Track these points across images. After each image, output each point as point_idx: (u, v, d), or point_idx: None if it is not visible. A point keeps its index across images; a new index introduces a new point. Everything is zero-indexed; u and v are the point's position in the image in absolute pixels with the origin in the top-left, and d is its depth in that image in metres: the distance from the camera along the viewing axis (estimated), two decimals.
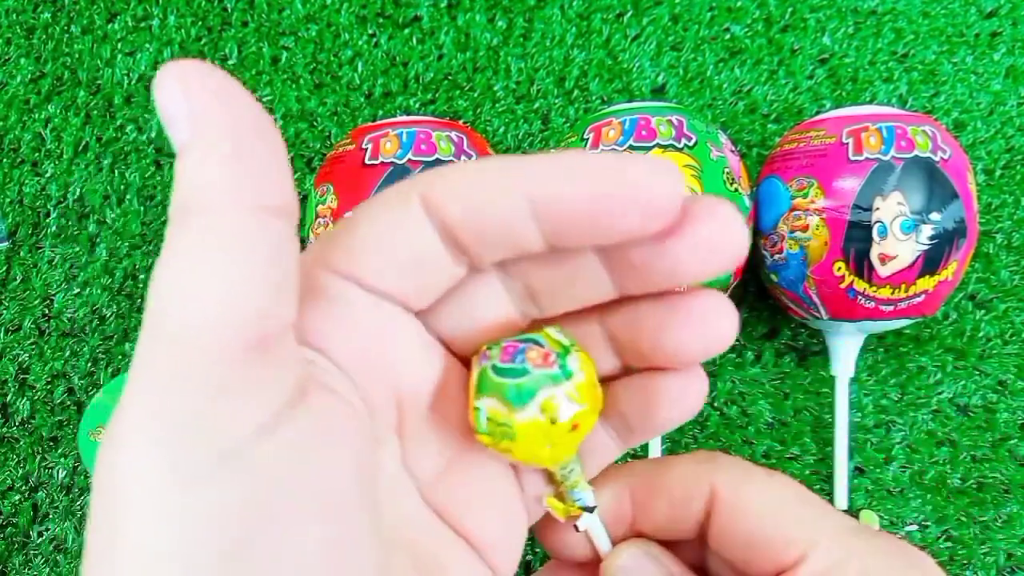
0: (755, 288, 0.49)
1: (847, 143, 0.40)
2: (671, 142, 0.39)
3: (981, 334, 0.49)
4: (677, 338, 0.22)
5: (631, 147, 0.39)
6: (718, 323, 0.22)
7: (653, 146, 0.39)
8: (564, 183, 0.19)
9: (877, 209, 0.38)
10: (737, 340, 0.49)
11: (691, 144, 0.40)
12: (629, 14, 0.53)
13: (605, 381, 0.24)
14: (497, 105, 0.52)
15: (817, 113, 0.46)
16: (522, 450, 0.22)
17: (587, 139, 0.41)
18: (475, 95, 0.52)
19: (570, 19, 0.53)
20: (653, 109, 0.41)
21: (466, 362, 0.24)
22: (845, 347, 0.44)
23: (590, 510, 0.25)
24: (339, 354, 0.20)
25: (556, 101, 0.52)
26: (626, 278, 0.21)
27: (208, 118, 0.16)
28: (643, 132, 0.40)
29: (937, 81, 0.51)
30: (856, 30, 0.52)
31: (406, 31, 0.53)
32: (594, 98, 0.52)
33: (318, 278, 0.21)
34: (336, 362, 0.20)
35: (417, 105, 0.52)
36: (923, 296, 0.40)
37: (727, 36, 0.52)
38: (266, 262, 0.16)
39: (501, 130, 0.52)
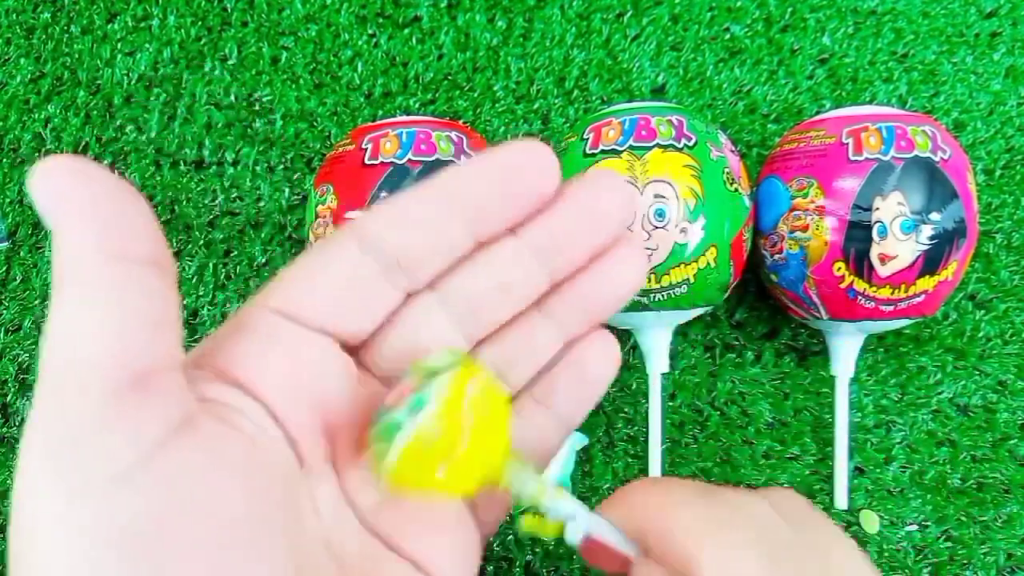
0: (755, 288, 0.49)
1: (847, 143, 0.39)
2: (671, 142, 0.39)
3: (981, 334, 0.49)
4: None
5: (631, 147, 0.39)
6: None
7: (653, 146, 0.39)
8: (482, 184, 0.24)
9: (877, 209, 0.38)
10: (737, 340, 0.49)
11: (691, 144, 0.40)
12: (629, 14, 0.53)
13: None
14: (497, 105, 0.52)
15: (817, 113, 0.46)
16: (417, 487, 0.23)
17: (587, 139, 0.41)
18: (475, 95, 0.52)
19: (570, 19, 0.53)
20: (653, 109, 0.41)
21: None
22: (845, 347, 0.44)
23: (572, 518, 0.24)
24: (262, 387, 0.22)
25: (556, 101, 0.52)
26: (553, 259, 0.25)
27: (69, 198, 0.18)
28: (643, 132, 0.40)
29: (937, 81, 0.51)
30: (856, 30, 0.52)
31: (406, 31, 0.53)
32: (594, 98, 0.52)
33: (251, 316, 0.23)
34: (257, 394, 0.22)
35: (417, 105, 0.52)
36: (923, 296, 0.40)
37: (727, 36, 0.52)
38: (136, 307, 0.18)
39: (501, 130, 0.52)
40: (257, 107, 0.53)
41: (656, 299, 0.40)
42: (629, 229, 0.38)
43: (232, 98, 0.53)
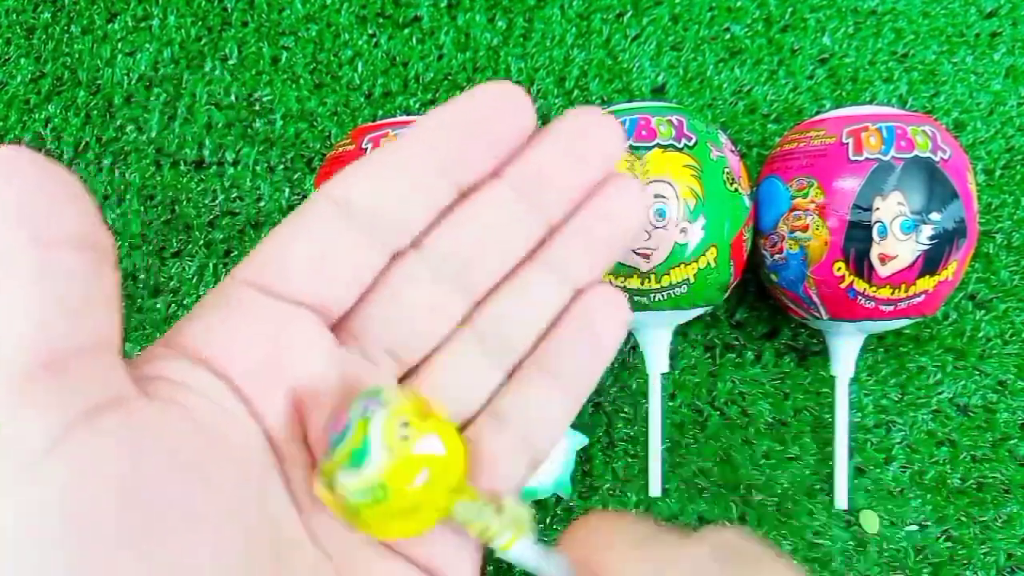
0: (755, 288, 0.49)
1: (847, 143, 0.39)
2: (671, 142, 0.39)
3: (981, 334, 0.49)
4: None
5: (631, 147, 0.39)
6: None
7: (653, 146, 0.39)
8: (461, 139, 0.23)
9: (877, 209, 0.38)
10: (737, 340, 0.49)
11: (691, 144, 0.40)
12: (629, 14, 0.53)
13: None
14: None
15: (817, 113, 0.46)
16: (369, 531, 0.21)
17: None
18: None
19: (570, 19, 0.53)
20: (653, 109, 0.41)
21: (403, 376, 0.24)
22: (845, 347, 0.44)
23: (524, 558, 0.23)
24: (228, 364, 0.21)
25: (556, 101, 0.52)
26: (542, 199, 0.24)
27: None
28: (643, 132, 0.40)
29: (937, 81, 0.51)
30: (856, 30, 0.52)
31: (406, 31, 0.53)
32: (594, 98, 0.52)
33: (223, 289, 0.22)
34: (222, 371, 0.21)
35: (417, 105, 0.52)
36: (923, 296, 0.40)
37: (727, 36, 0.52)
38: (52, 290, 0.18)
39: None
40: (257, 107, 0.53)
41: (656, 299, 0.40)
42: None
43: (232, 98, 0.53)
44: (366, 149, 0.40)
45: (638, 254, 0.39)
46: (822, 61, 0.52)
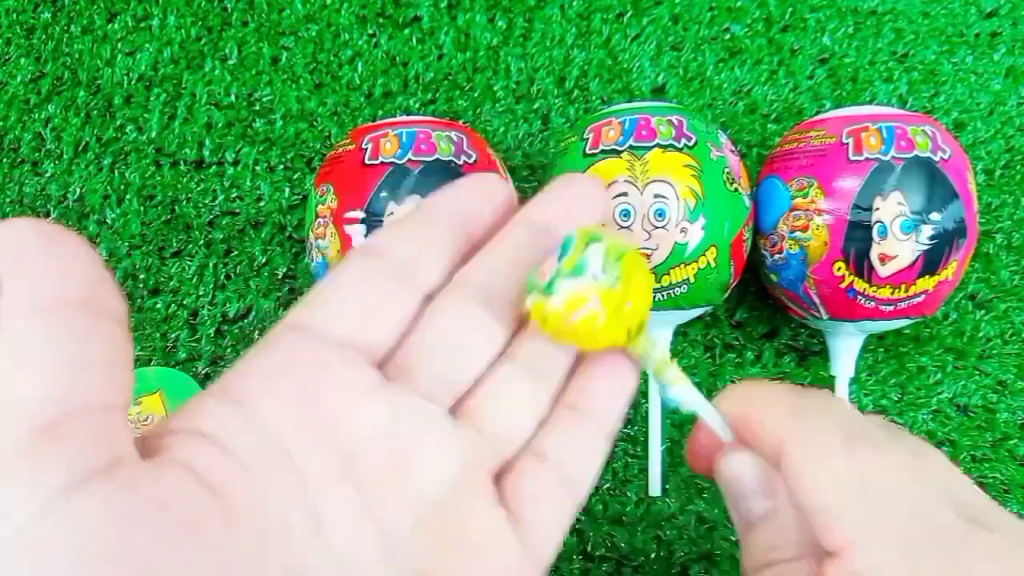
0: (755, 288, 0.49)
1: (847, 143, 0.39)
2: (671, 142, 0.39)
3: (981, 334, 0.49)
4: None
5: (631, 147, 0.39)
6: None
7: (653, 146, 0.39)
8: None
9: (877, 209, 0.38)
10: (737, 340, 0.49)
11: (691, 144, 0.39)
12: (629, 14, 0.53)
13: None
14: (497, 105, 0.52)
15: (817, 113, 0.46)
16: (569, 337, 0.25)
17: (587, 139, 0.41)
18: (475, 95, 0.52)
19: (570, 19, 0.53)
20: (653, 109, 0.41)
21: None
22: (845, 347, 0.44)
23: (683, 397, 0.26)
24: (263, 406, 0.22)
25: (556, 101, 0.52)
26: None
27: None
28: (643, 132, 0.40)
29: (937, 81, 0.51)
30: (856, 30, 0.52)
31: (406, 31, 0.53)
32: (594, 98, 0.52)
33: (272, 334, 0.23)
34: (263, 418, 0.21)
35: (417, 105, 0.52)
36: (923, 296, 0.40)
37: (727, 36, 0.52)
38: (55, 353, 0.18)
39: (501, 130, 0.52)
40: (257, 107, 0.53)
41: (656, 299, 0.40)
42: (629, 228, 0.38)
43: (232, 98, 0.53)
44: (365, 149, 0.40)
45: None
46: (822, 61, 0.52)
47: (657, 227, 0.38)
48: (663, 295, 0.40)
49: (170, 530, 0.18)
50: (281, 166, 0.52)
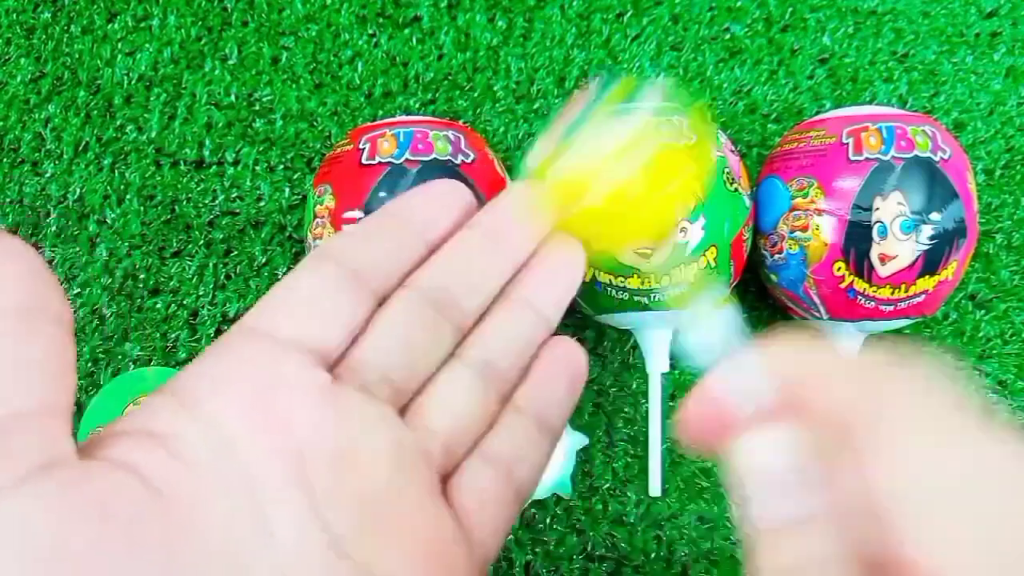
0: (755, 288, 0.48)
1: (847, 143, 0.39)
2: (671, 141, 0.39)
3: (981, 334, 0.49)
4: None
5: None
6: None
7: None
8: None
9: (877, 209, 0.38)
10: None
11: (690, 143, 0.39)
12: (629, 14, 0.53)
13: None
14: (497, 105, 0.52)
15: (817, 113, 0.46)
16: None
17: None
18: (475, 95, 0.52)
19: (570, 19, 0.53)
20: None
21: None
22: (845, 347, 0.44)
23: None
24: (219, 402, 0.22)
25: (556, 101, 0.52)
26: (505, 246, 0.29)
27: None
28: None
29: (937, 81, 0.51)
30: (856, 30, 0.52)
31: (406, 31, 0.53)
32: None
33: (224, 336, 0.24)
34: (211, 418, 0.21)
35: (417, 105, 0.52)
36: (923, 296, 0.40)
37: (727, 36, 0.52)
38: None
39: (501, 130, 0.52)
40: (257, 107, 0.53)
41: (656, 299, 0.40)
42: None
43: (232, 98, 0.53)
44: (363, 149, 0.40)
45: (638, 254, 0.39)
46: (822, 61, 0.52)
47: None
48: (663, 295, 0.40)
49: (109, 530, 0.18)
50: (281, 166, 0.52)
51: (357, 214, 0.39)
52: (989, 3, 0.52)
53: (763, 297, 0.48)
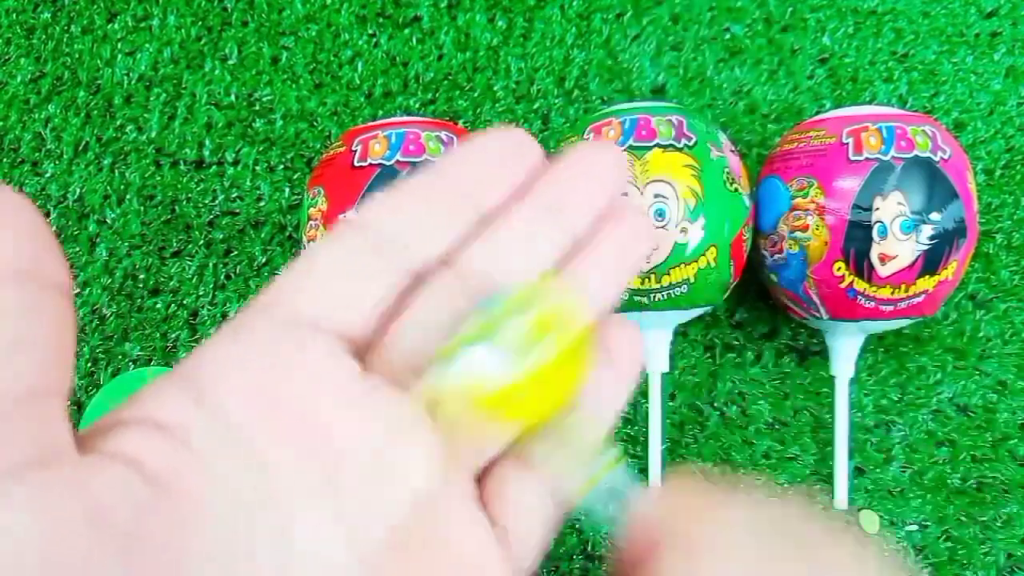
0: (755, 288, 0.48)
1: (847, 143, 0.39)
2: (671, 142, 0.39)
3: (981, 334, 0.48)
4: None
5: (631, 147, 0.39)
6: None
7: (653, 146, 0.39)
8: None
9: (877, 209, 0.38)
10: (737, 340, 0.49)
11: (691, 144, 0.39)
12: (629, 14, 0.53)
13: None
14: (497, 105, 0.52)
15: (817, 113, 0.46)
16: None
17: (587, 139, 0.41)
18: (475, 95, 0.52)
19: (570, 19, 0.53)
20: (653, 109, 0.41)
21: None
22: (845, 347, 0.44)
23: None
24: (227, 396, 0.19)
25: (556, 101, 0.52)
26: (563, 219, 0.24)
27: None
28: (643, 132, 0.40)
29: (937, 81, 0.51)
30: (856, 30, 0.52)
31: (406, 31, 0.53)
32: (594, 98, 0.52)
33: (240, 316, 0.21)
34: (221, 407, 0.19)
35: (417, 105, 0.52)
36: (923, 296, 0.40)
37: (727, 36, 0.52)
38: None
39: None
40: (257, 107, 0.52)
41: (656, 299, 0.40)
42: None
43: (232, 98, 0.53)
44: (355, 151, 0.40)
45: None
46: (822, 61, 0.52)
47: (657, 227, 0.38)
48: (663, 295, 0.40)
49: (105, 539, 0.16)
50: (281, 166, 0.52)
51: (350, 215, 0.39)
52: (989, 3, 0.52)
53: (763, 297, 0.48)
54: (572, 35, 0.53)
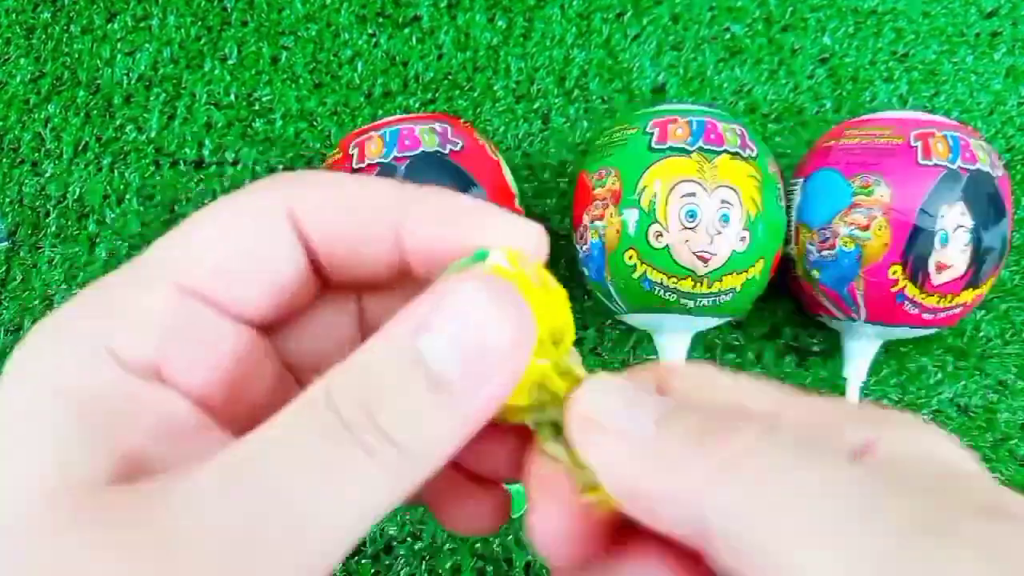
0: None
1: (916, 146, 0.27)
2: (737, 150, 0.27)
3: (981, 334, 0.36)
4: None
5: (701, 148, 0.27)
6: None
7: (722, 152, 0.27)
8: (438, 227, 0.14)
9: (942, 217, 0.26)
10: (737, 340, 0.36)
11: (754, 156, 0.28)
12: (629, 14, 0.39)
13: None
14: (497, 105, 0.39)
15: (818, 113, 0.33)
16: None
17: (651, 133, 0.28)
18: (475, 95, 0.39)
19: (570, 19, 0.39)
20: (715, 114, 0.29)
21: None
22: (861, 351, 0.31)
23: None
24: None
25: (556, 101, 0.39)
26: None
27: None
28: (712, 135, 0.27)
29: (937, 81, 0.38)
30: (856, 30, 0.39)
31: (406, 31, 0.40)
32: (594, 98, 0.39)
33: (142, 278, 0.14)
34: (126, 362, 0.13)
35: (417, 105, 0.39)
36: (960, 308, 0.28)
37: (727, 36, 0.39)
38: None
39: (501, 130, 0.38)
40: (257, 107, 0.39)
41: (700, 304, 0.27)
42: (693, 230, 0.26)
43: (232, 98, 0.39)
44: (353, 155, 0.29)
45: (698, 257, 0.26)
46: (822, 61, 0.39)
47: (720, 232, 0.25)
48: (709, 300, 0.27)
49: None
50: (281, 166, 0.38)
51: None
52: (989, 3, 0.39)
53: (763, 297, 0.35)
54: (572, 35, 0.39)
